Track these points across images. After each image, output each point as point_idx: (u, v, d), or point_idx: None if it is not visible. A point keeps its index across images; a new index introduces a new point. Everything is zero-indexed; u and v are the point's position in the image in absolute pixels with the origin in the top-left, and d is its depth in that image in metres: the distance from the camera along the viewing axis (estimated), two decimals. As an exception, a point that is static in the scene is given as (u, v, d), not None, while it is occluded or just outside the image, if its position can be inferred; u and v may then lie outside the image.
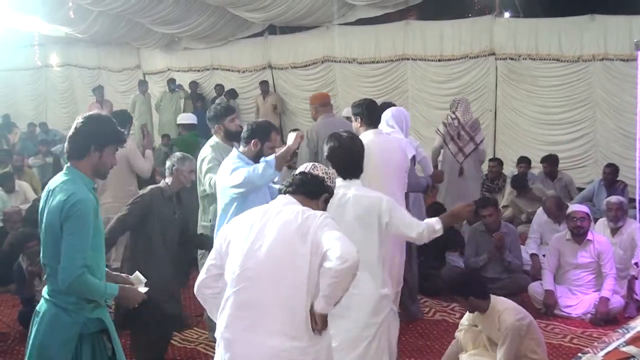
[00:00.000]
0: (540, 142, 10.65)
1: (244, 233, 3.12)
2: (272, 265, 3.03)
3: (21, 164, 11.23)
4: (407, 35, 11.92)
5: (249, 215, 3.23)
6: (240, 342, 3.02)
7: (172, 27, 13.56)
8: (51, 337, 3.28)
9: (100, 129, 3.37)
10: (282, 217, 3.11)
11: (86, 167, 3.36)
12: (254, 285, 3.03)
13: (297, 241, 3.02)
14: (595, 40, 9.95)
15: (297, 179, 3.33)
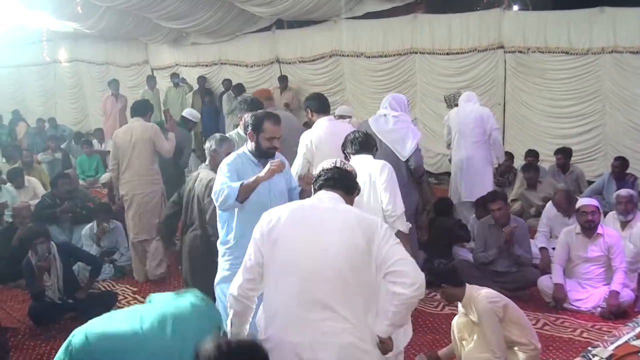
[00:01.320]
0: (549, 135, 10.61)
1: (297, 232, 3.07)
2: (339, 268, 2.99)
3: (31, 160, 11.28)
4: (415, 29, 11.88)
5: (295, 213, 3.14)
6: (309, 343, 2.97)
7: (180, 22, 13.55)
8: None
9: None
10: (340, 218, 3.09)
11: None
12: (318, 287, 2.99)
13: (364, 247, 3.00)
14: (604, 32, 9.89)
15: (335, 174, 3.29)
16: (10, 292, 7.31)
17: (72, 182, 9.28)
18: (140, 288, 7.34)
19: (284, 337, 3.00)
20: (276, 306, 3.05)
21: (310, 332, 2.97)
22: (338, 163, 3.38)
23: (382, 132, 6.12)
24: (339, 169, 3.33)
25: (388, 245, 3.00)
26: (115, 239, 7.95)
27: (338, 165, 3.35)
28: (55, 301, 6.34)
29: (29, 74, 19.29)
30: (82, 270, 7.04)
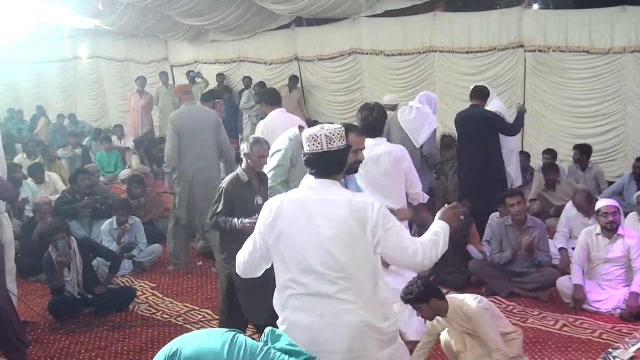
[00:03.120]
0: (569, 135, 10.53)
1: (299, 227, 3.15)
2: (341, 262, 3.09)
3: (52, 156, 11.39)
4: (434, 28, 11.84)
5: (294, 206, 3.20)
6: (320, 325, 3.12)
7: (200, 19, 13.61)
8: None
9: None
10: (334, 209, 3.14)
11: None
12: (325, 280, 3.10)
13: (360, 233, 3.11)
14: (626, 32, 9.79)
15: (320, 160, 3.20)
16: (30, 287, 7.36)
17: (93, 177, 9.34)
18: (158, 284, 7.38)
19: (297, 320, 3.16)
20: (288, 293, 3.19)
21: (321, 314, 3.11)
22: (324, 145, 3.16)
23: (404, 122, 7.03)
24: (325, 153, 3.17)
25: (382, 232, 3.10)
26: (135, 235, 7.99)
27: (325, 150, 3.17)
28: (75, 296, 6.39)
29: (49, 70, 19.47)
30: (102, 266, 7.10)
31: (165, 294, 7.05)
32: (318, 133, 3.17)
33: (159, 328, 6.08)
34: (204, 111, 7.76)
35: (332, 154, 3.16)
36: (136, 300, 6.75)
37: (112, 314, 6.43)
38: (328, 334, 3.12)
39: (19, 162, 11.15)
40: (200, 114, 7.61)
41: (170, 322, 6.21)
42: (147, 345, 5.72)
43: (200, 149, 7.40)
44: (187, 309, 6.53)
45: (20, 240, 7.55)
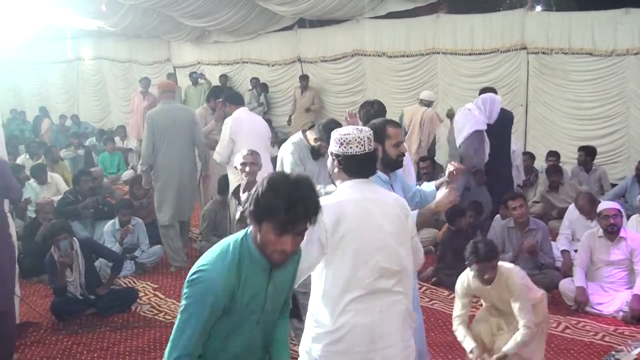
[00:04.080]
0: (572, 137, 10.53)
1: (363, 227, 3.15)
2: (400, 255, 3.21)
3: (55, 156, 11.40)
4: (437, 29, 11.84)
5: (356, 208, 3.17)
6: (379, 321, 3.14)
7: (202, 20, 13.62)
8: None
9: None
10: (389, 206, 3.25)
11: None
12: (387, 276, 3.17)
13: (407, 225, 3.29)
14: (629, 34, 9.79)
15: (367, 162, 3.26)
16: (33, 287, 7.38)
17: (97, 178, 9.36)
18: (160, 285, 7.38)
19: (358, 322, 3.09)
20: (347, 298, 3.10)
21: (380, 311, 3.13)
22: (366, 147, 3.19)
23: (454, 122, 8.06)
24: (367, 154, 3.21)
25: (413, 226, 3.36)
26: (137, 236, 7.99)
27: (366, 151, 3.20)
28: (77, 297, 6.39)
29: (52, 71, 19.48)
30: (104, 266, 7.10)
31: (167, 294, 7.06)
32: (360, 135, 3.20)
33: (161, 329, 6.08)
34: (180, 109, 8.03)
35: (372, 154, 3.24)
36: (138, 301, 6.75)
37: (114, 314, 6.44)
38: (386, 327, 3.15)
39: (21, 162, 11.19)
40: (175, 112, 7.83)
41: (172, 323, 6.16)
42: (149, 346, 5.72)
43: (175, 147, 7.68)
44: (189, 310, 6.52)
45: (22, 240, 7.56)
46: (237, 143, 7.23)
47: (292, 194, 2.48)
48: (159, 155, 7.64)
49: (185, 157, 7.85)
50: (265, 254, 2.58)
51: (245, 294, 2.61)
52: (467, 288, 4.75)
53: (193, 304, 2.55)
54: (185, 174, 7.86)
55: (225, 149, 7.36)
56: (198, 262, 2.63)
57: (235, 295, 2.58)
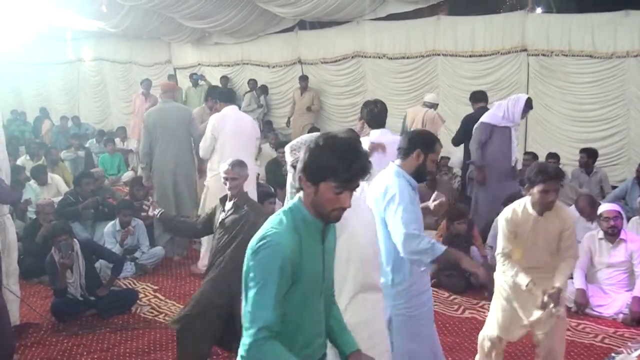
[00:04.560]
0: (572, 139, 10.53)
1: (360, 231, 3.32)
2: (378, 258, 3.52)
3: (55, 157, 11.40)
4: (438, 31, 11.85)
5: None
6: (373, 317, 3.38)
7: (203, 22, 13.62)
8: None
9: None
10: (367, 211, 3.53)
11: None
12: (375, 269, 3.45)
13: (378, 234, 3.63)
14: (629, 36, 9.79)
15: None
16: (33, 288, 7.37)
17: (98, 179, 9.38)
18: (161, 286, 7.38)
19: (357, 320, 3.21)
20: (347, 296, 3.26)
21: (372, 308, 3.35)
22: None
23: None
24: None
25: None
26: (137, 237, 8.00)
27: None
28: (77, 298, 6.40)
29: (53, 72, 19.49)
30: (104, 267, 7.10)
31: (168, 296, 7.06)
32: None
33: (161, 330, 6.08)
34: (176, 108, 8.21)
35: None
36: (138, 302, 6.76)
37: (114, 316, 6.44)
38: (378, 324, 3.40)
39: (21, 163, 11.18)
40: (171, 111, 8.05)
41: (172, 325, 6.21)
42: (149, 347, 5.73)
43: (170, 145, 7.95)
44: (189, 311, 6.53)
45: (22, 241, 7.56)
46: (219, 141, 7.40)
47: (349, 151, 2.57)
48: (154, 153, 7.91)
49: (181, 155, 8.08)
50: (321, 214, 2.64)
51: (306, 259, 2.62)
52: (513, 220, 4.57)
53: (264, 272, 2.54)
54: (180, 173, 8.08)
55: (208, 145, 7.50)
56: (256, 235, 2.63)
57: (298, 261, 2.59)
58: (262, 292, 2.53)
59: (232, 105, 7.74)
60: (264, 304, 2.52)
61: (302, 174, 2.63)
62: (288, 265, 2.55)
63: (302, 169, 2.62)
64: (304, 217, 2.66)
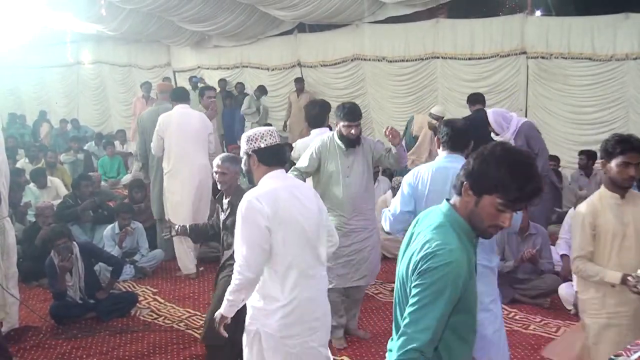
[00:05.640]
0: (571, 141, 10.53)
1: (295, 209, 3.60)
2: (322, 239, 3.79)
3: (54, 161, 11.39)
4: (437, 34, 11.86)
5: (285, 193, 3.62)
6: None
7: (202, 25, 13.63)
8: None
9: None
10: (308, 189, 3.88)
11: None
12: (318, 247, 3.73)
13: (323, 215, 3.87)
14: (629, 38, 9.81)
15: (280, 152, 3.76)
16: (32, 291, 7.37)
17: (94, 183, 9.37)
18: (160, 289, 7.38)
19: (304, 295, 3.53)
20: (295, 274, 3.52)
21: (316, 286, 3.63)
22: (276, 138, 3.69)
23: None
24: (281, 145, 3.74)
25: None
26: (136, 240, 7.99)
27: (279, 142, 3.71)
28: (77, 301, 6.39)
29: (52, 75, 19.48)
30: (104, 270, 7.09)
31: (167, 299, 7.05)
32: (269, 129, 3.76)
33: (160, 333, 6.07)
34: (166, 109, 8.14)
35: (282, 145, 3.79)
36: (138, 305, 6.75)
37: (113, 318, 6.43)
38: (322, 300, 3.69)
39: (21, 166, 11.17)
40: (162, 112, 7.99)
41: (172, 327, 6.21)
42: (148, 350, 5.72)
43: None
44: (189, 314, 6.52)
45: (22, 244, 7.55)
46: (166, 139, 7.55)
47: (526, 170, 2.32)
48: (150, 153, 7.98)
49: None
50: (476, 227, 2.44)
51: (471, 276, 2.43)
52: (591, 210, 3.89)
53: (433, 292, 2.31)
54: None
55: (155, 145, 7.65)
56: (420, 248, 2.39)
57: (467, 282, 2.38)
58: (425, 312, 2.32)
59: (182, 104, 7.76)
60: (424, 325, 2.31)
61: (467, 180, 2.42)
62: (460, 286, 2.34)
63: (469, 175, 2.41)
64: (462, 228, 2.45)
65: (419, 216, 2.64)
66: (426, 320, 2.31)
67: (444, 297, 2.30)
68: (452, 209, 2.48)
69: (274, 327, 3.45)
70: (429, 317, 2.30)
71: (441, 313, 2.31)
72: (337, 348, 5.48)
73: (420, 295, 2.33)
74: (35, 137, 17.27)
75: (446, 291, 2.30)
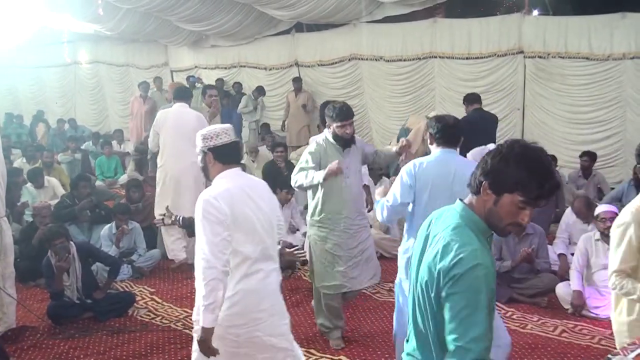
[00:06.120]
0: (569, 141, 10.56)
1: (250, 207, 3.72)
2: (273, 235, 3.92)
3: (51, 160, 11.37)
4: (434, 33, 11.87)
5: (241, 191, 3.73)
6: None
7: (200, 24, 13.63)
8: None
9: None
10: (263, 189, 3.95)
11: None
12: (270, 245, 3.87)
13: (275, 212, 3.99)
14: (626, 38, 9.83)
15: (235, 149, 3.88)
16: (29, 291, 7.35)
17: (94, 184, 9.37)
18: (157, 289, 7.37)
19: (248, 287, 3.67)
20: (243, 268, 3.66)
21: (262, 280, 3.73)
22: (232, 136, 3.78)
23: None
24: (236, 142, 3.84)
25: None
26: (134, 239, 7.98)
27: (235, 140, 3.82)
28: (74, 301, 6.38)
29: (49, 75, 19.48)
30: (101, 270, 7.08)
31: (164, 298, 7.04)
32: (224, 127, 3.85)
33: (158, 333, 6.07)
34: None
35: (237, 142, 3.89)
36: (135, 305, 6.73)
37: (111, 318, 6.42)
38: (268, 293, 3.77)
39: (18, 166, 11.16)
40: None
41: (169, 327, 6.20)
42: (146, 350, 5.71)
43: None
44: (186, 314, 6.50)
45: (19, 244, 7.53)
46: (162, 136, 7.75)
47: (545, 167, 2.34)
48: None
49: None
50: (494, 225, 2.42)
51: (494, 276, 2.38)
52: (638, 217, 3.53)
53: (470, 298, 2.27)
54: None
55: (151, 140, 7.95)
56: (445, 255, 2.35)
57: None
58: (470, 321, 2.27)
59: (182, 102, 7.91)
60: (474, 334, 2.27)
61: (486, 179, 2.39)
62: (492, 284, 2.33)
63: (487, 174, 2.39)
64: (478, 227, 2.43)
65: (432, 217, 2.61)
66: (474, 328, 2.27)
67: (482, 300, 2.28)
68: (467, 209, 2.47)
69: (220, 317, 3.55)
70: (476, 325, 2.27)
71: (485, 316, 2.29)
72: (335, 348, 5.49)
73: (459, 305, 2.29)
74: (32, 137, 17.24)
75: (482, 294, 2.28)
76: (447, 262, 2.32)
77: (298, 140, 13.11)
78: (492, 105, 10.82)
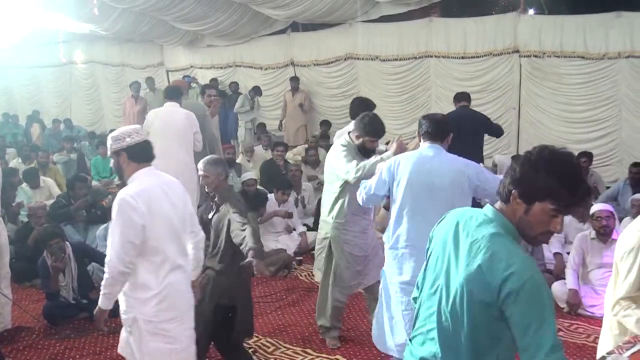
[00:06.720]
0: (564, 140, 10.54)
1: (167, 207, 3.89)
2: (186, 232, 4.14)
3: (46, 160, 11.35)
4: (430, 33, 11.87)
5: (157, 190, 3.89)
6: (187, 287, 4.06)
7: (195, 24, 13.62)
8: None
9: None
10: (180, 188, 4.13)
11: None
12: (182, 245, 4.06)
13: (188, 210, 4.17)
14: (621, 37, 9.85)
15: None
16: (25, 291, 7.33)
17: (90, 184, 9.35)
18: (153, 289, 7.35)
19: (174, 282, 3.82)
20: (167, 265, 3.80)
21: (183, 273, 3.94)
22: (142, 135, 3.93)
23: None
24: (147, 141, 3.96)
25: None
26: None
27: (146, 138, 3.96)
28: (70, 301, 6.37)
29: (45, 75, 19.43)
30: (97, 270, 7.05)
31: (160, 298, 7.02)
32: (133, 127, 4.02)
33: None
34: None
35: (148, 141, 4.00)
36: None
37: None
38: (188, 287, 4.02)
39: (13, 166, 11.13)
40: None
41: (165, 327, 6.18)
42: (142, 350, 5.70)
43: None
44: (182, 314, 6.51)
45: (14, 244, 7.51)
46: (152, 135, 7.49)
47: (575, 174, 2.28)
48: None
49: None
50: (525, 234, 2.37)
51: None
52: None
53: (530, 300, 2.22)
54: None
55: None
56: (498, 271, 2.27)
57: None
58: (541, 334, 2.22)
59: (173, 102, 7.89)
60: (549, 346, 2.21)
61: (515, 188, 2.33)
62: (549, 288, 2.33)
63: (517, 183, 2.33)
64: (514, 235, 2.37)
65: (457, 218, 2.51)
66: (546, 341, 2.21)
67: (547, 309, 2.25)
68: (500, 215, 2.40)
69: (150, 313, 3.73)
70: (547, 337, 2.22)
71: (553, 324, 2.25)
72: (332, 348, 5.50)
73: (525, 322, 2.24)
74: (27, 137, 17.20)
75: (545, 305, 2.26)
76: (498, 277, 2.26)
77: (295, 140, 13.11)
78: (487, 104, 10.84)
